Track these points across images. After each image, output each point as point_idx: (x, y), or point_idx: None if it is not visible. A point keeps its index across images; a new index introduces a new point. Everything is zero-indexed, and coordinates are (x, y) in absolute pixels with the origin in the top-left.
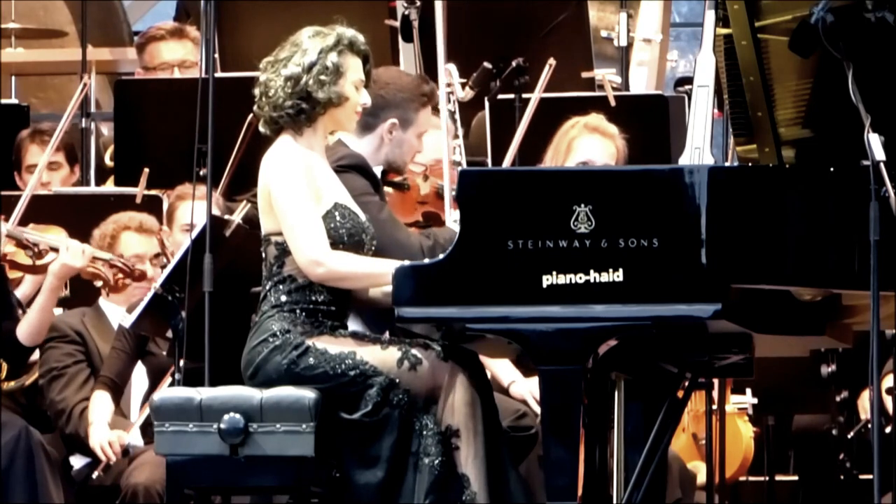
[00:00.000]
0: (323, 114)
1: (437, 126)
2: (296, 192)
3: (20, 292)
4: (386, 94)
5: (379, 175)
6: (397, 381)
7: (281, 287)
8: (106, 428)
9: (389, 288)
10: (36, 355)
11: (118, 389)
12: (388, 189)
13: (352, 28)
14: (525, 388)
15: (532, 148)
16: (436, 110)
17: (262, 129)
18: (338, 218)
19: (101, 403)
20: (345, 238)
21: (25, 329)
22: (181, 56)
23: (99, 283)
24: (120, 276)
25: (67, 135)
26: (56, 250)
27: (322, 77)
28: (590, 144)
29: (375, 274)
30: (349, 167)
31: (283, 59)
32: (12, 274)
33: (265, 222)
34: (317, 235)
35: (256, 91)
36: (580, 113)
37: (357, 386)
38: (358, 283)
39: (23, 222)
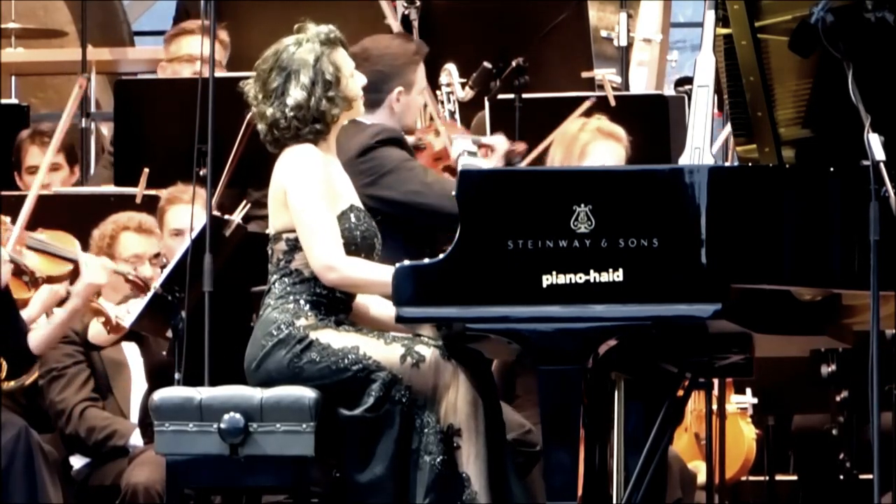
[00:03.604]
0: (337, 120)
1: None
2: (313, 197)
3: (26, 314)
4: (383, 67)
5: None
6: (400, 377)
7: (286, 279)
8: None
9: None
10: None
11: None
12: None
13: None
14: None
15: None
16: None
17: (272, 150)
18: (353, 219)
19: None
20: (358, 240)
21: (35, 338)
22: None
23: (101, 320)
24: (134, 289)
25: (67, 135)
26: (73, 262)
27: (329, 93)
28: (605, 150)
29: (387, 282)
30: (387, 141)
31: (278, 88)
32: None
33: (276, 220)
34: (332, 241)
35: (261, 127)
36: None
37: (359, 381)
38: (370, 289)
39: (29, 227)
